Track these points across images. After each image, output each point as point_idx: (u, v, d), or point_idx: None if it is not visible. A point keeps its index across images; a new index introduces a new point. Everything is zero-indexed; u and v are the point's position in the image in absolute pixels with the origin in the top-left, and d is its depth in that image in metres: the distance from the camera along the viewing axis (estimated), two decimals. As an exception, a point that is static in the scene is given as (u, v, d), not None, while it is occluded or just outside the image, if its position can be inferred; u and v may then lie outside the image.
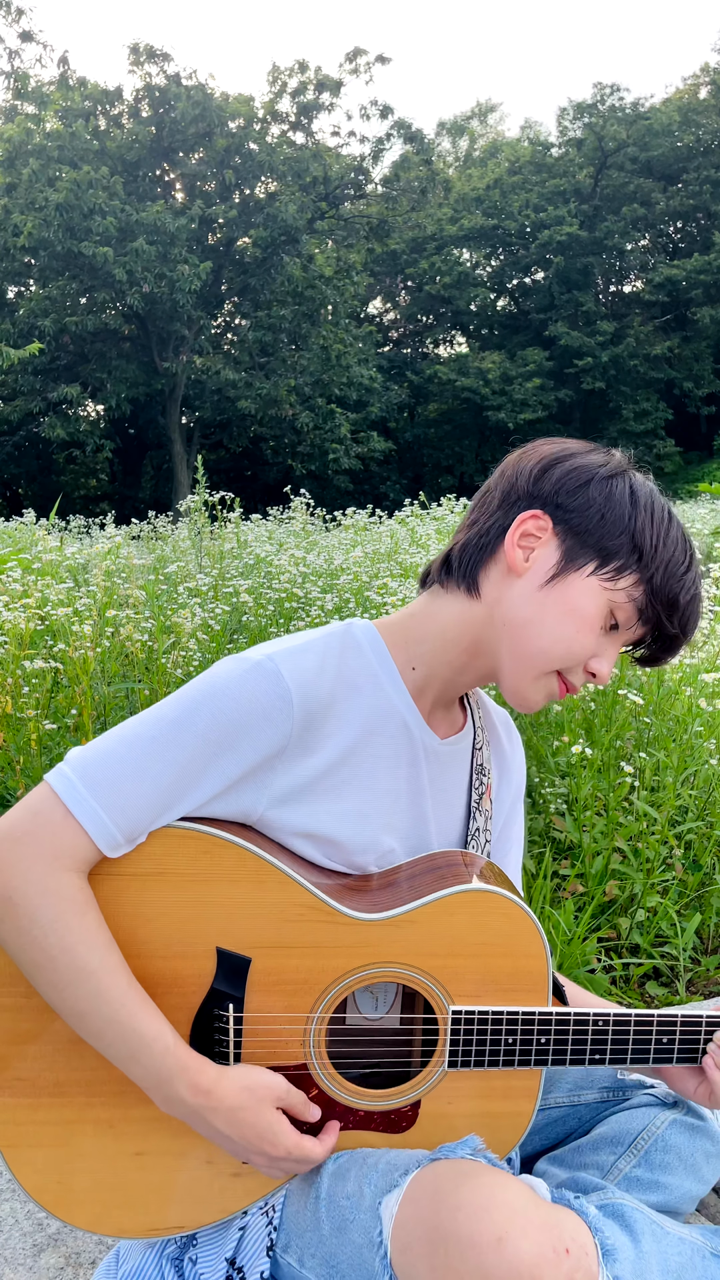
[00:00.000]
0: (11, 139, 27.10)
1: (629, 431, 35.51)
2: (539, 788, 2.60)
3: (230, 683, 1.03)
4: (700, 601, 1.11)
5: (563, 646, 1.08)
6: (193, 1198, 1.08)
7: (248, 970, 1.04)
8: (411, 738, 1.14)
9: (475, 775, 1.24)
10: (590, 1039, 1.10)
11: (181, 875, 1.02)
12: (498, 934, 1.08)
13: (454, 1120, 1.12)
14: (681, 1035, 1.12)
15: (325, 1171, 1.07)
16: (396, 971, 1.06)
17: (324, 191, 32.04)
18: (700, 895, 2.42)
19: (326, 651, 1.10)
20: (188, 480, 29.48)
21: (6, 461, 31.74)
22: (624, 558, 1.07)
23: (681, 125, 37.48)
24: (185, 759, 1.01)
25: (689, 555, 1.09)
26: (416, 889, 1.09)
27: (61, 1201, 1.05)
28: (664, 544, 1.07)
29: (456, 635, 1.13)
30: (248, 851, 1.03)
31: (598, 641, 1.09)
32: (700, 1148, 1.21)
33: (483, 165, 43.48)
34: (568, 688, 1.12)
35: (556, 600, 1.07)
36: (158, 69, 30.80)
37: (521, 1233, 0.91)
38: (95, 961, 0.97)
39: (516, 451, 1.16)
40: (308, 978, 1.05)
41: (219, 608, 3.67)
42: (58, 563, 4.80)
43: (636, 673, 2.79)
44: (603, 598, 1.07)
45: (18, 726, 2.91)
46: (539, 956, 1.09)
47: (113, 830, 0.98)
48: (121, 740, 1.01)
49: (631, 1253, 0.98)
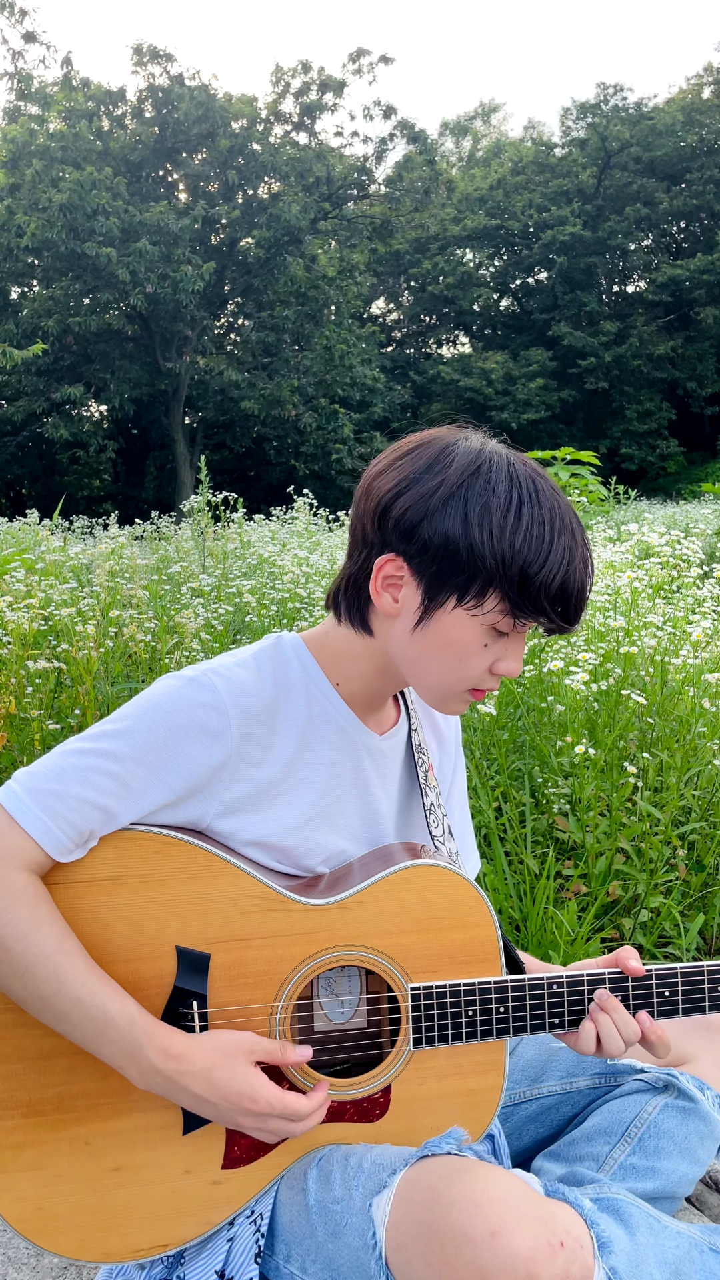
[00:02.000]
0: (15, 139, 27.12)
1: (632, 432, 35.48)
2: (542, 788, 2.60)
3: (166, 698, 1.07)
4: (580, 570, 1.06)
5: (454, 676, 1.09)
6: (174, 1211, 1.07)
7: (208, 966, 1.06)
8: (350, 740, 1.18)
9: (416, 756, 1.27)
10: (547, 1003, 1.12)
11: (136, 877, 1.05)
12: (445, 907, 1.11)
13: (426, 1102, 1.13)
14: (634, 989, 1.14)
15: (310, 1177, 1.07)
16: (353, 954, 1.09)
17: (327, 192, 32.04)
18: (703, 896, 2.42)
19: (260, 665, 1.14)
20: (191, 480, 29.47)
21: (10, 462, 31.77)
22: (480, 581, 1.03)
23: (685, 125, 37.44)
24: (124, 771, 1.04)
25: (548, 541, 1.03)
26: (367, 872, 1.12)
27: (45, 1230, 1.05)
28: (514, 548, 1.02)
29: (365, 663, 1.16)
30: (198, 848, 1.06)
31: (490, 654, 1.08)
32: (693, 1129, 1.22)
33: (486, 165, 43.45)
34: (483, 691, 1.13)
35: (432, 639, 1.07)
36: (161, 69, 30.82)
37: (516, 1226, 0.91)
38: (51, 946, 0.99)
39: (361, 483, 1.13)
40: (267, 968, 1.07)
41: (222, 608, 3.67)
42: (61, 563, 4.80)
43: (640, 673, 2.79)
44: (475, 623, 1.06)
45: (21, 726, 2.91)
46: (487, 925, 1.12)
47: (58, 834, 1.01)
48: (64, 754, 1.05)
49: (627, 1245, 0.98)
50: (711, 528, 9.85)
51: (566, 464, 6.37)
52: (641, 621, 2.85)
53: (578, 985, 1.12)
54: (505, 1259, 0.89)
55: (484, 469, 1.05)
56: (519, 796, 2.63)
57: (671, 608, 3.01)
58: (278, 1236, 1.07)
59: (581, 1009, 1.12)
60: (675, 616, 2.95)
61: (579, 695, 2.52)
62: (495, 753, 2.74)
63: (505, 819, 2.56)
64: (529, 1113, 1.32)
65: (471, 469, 1.05)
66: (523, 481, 1.05)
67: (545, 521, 1.03)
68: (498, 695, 2.73)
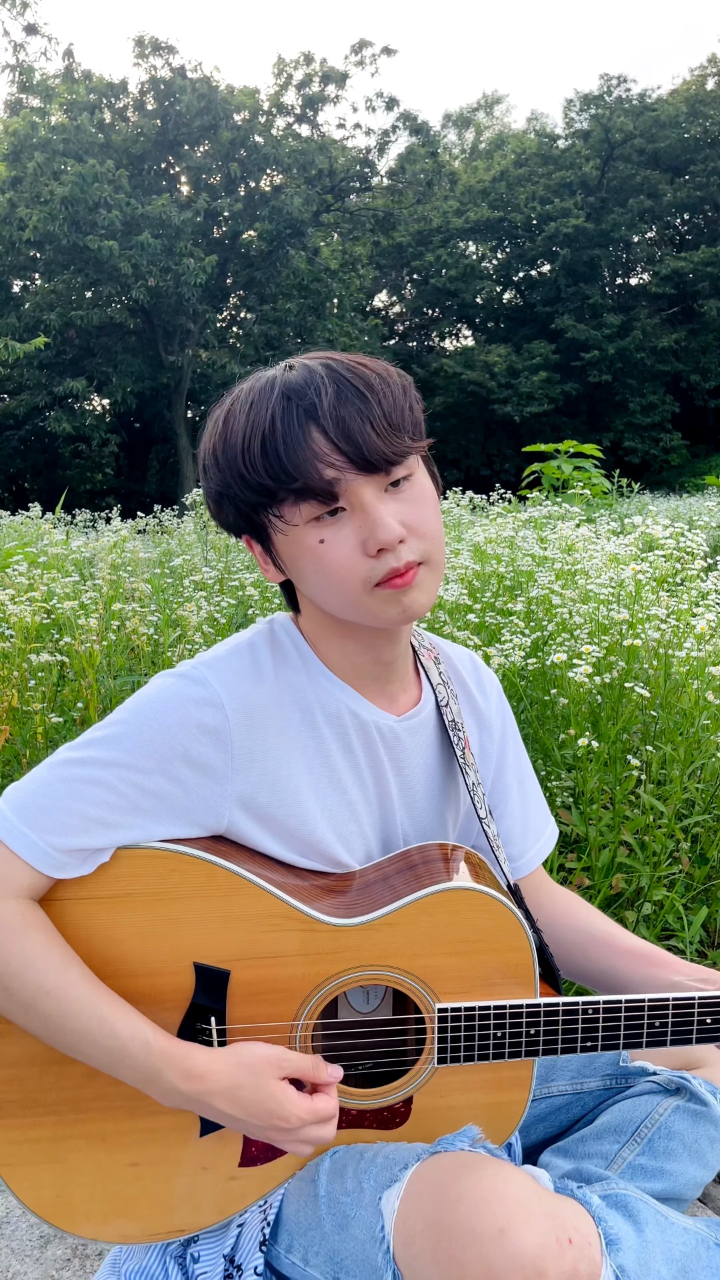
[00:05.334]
0: (17, 132, 27.09)
1: (635, 425, 35.43)
2: (545, 781, 2.60)
3: (156, 698, 1.02)
4: (310, 405, 0.95)
5: (334, 580, 0.99)
6: (191, 1203, 1.07)
7: (227, 982, 1.02)
8: (362, 722, 1.11)
9: (451, 733, 1.19)
10: (580, 1027, 1.07)
11: (151, 895, 1.00)
12: (479, 930, 1.06)
13: (447, 1113, 1.11)
14: (675, 1017, 1.09)
15: (322, 1169, 1.07)
16: (379, 974, 1.05)
17: (329, 184, 31.97)
18: (707, 889, 2.41)
19: (255, 652, 1.08)
20: (193, 474, 29.45)
21: (13, 456, 31.78)
22: (249, 506, 1.00)
23: (689, 117, 37.30)
24: (116, 779, 0.98)
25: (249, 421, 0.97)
26: (394, 889, 1.07)
27: (62, 1214, 1.05)
28: (233, 450, 0.98)
29: (324, 635, 1.10)
30: (217, 866, 1.00)
31: (337, 544, 0.98)
32: (704, 1133, 1.20)
33: (489, 157, 43.32)
34: (393, 576, 0.98)
35: (294, 572, 1.04)
36: (163, 61, 30.78)
37: (524, 1223, 0.91)
38: (51, 979, 0.94)
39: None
40: (289, 986, 1.04)
41: (225, 601, 3.66)
42: (64, 557, 4.79)
43: (643, 666, 2.79)
44: (292, 532, 0.99)
45: (24, 720, 2.91)
46: (523, 950, 1.08)
47: (49, 851, 0.96)
48: (52, 765, 1.00)
49: (635, 1242, 0.98)
50: (715, 520, 9.83)
51: (570, 457, 6.36)
52: (645, 614, 2.84)
53: (614, 1010, 1.07)
54: (513, 1256, 0.89)
55: (230, 410, 1.02)
56: (522, 790, 2.62)
57: (675, 601, 3.00)
58: (282, 1226, 1.07)
59: (616, 1030, 1.07)
60: (679, 609, 2.95)
61: (582, 688, 2.52)
62: (498, 746, 2.73)
63: (508, 812, 2.56)
64: (538, 1112, 1.32)
65: (221, 416, 1.03)
66: (225, 402, 1.02)
67: (235, 410, 0.99)
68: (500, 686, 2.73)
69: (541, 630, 2.99)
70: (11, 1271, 1.42)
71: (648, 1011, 1.08)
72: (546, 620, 3.02)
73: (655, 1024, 1.08)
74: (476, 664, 1.32)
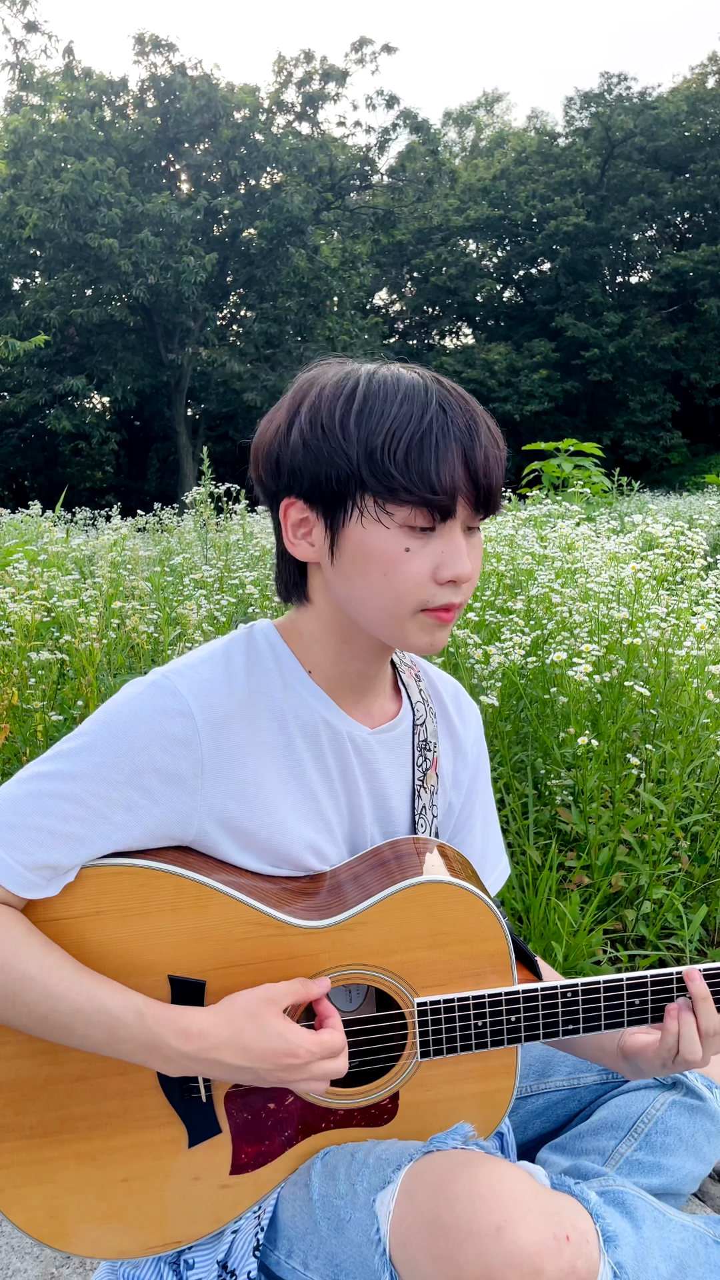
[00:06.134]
0: (17, 130, 27.06)
1: (636, 423, 35.41)
2: (544, 780, 2.60)
3: (124, 708, 1.01)
4: (438, 430, 0.95)
5: (390, 595, 0.99)
6: (185, 1214, 1.07)
7: (203, 993, 1.01)
8: (335, 733, 1.11)
9: (418, 753, 1.19)
10: (561, 1010, 1.08)
11: (120, 911, 1.00)
12: (453, 922, 1.06)
13: (434, 1106, 1.11)
14: (653, 996, 1.10)
15: (314, 1172, 1.06)
16: (356, 973, 1.05)
17: (330, 182, 31.96)
18: (707, 887, 2.41)
19: (229, 660, 1.07)
20: (193, 472, 29.47)
21: (13, 454, 31.77)
22: (349, 480, 0.97)
23: (689, 115, 37.27)
24: (84, 792, 0.97)
25: (386, 407, 0.96)
26: (365, 887, 1.07)
27: (58, 1235, 1.04)
28: (346, 429, 0.96)
29: (322, 635, 1.09)
30: (185, 878, 1.00)
31: (422, 559, 0.98)
32: (700, 1128, 1.21)
33: (489, 155, 43.29)
34: (444, 609, 1.01)
35: (350, 561, 1.00)
36: (163, 59, 30.75)
37: (521, 1220, 0.91)
38: (33, 966, 0.94)
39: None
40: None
41: (224, 599, 3.66)
42: (64, 555, 4.80)
43: (643, 664, 2.79)
44: (381, 528, 0.97)
45: (24, 718, 2.91)
46: (498, 939, 1.08)
47: (18, 870, 0.95)
48: (20, 781, 0.99)
49: (633, 1239, 0.98)
50: (715, 519, 9.84)
51: (570, 455, 6.36)
52: (645, 613, 2.84)
53: (593, 991, 1.08)
54: (511, 1253, 0.89)
55: (318, 378, 1.02)
56: (521, 788, 2.62)
57: (675, 599, 3.00)
58: (280, 1232, 1.06)
59: (597, 1014, 1.08)
60: (679, 608, 2.95)
61: (582, 687, 2.52)
62: (498, 744, 2.73)
63: (508, 810, 2.56)
64: (535, 1107, 1.32)
65: (305, 382, 1.03)
66: (358, 374, 1.00)
67: (382, 393, 0.97)
68: (500, 687, 2.73)
69: (541, 629, 2.99)
70: (11, 1269, 1.42)
71: (626, 991, 1.09)
72: (546, 619, 3.02)
73: (635, 1002, 1.10)
74: (459, 692, 1.33)
